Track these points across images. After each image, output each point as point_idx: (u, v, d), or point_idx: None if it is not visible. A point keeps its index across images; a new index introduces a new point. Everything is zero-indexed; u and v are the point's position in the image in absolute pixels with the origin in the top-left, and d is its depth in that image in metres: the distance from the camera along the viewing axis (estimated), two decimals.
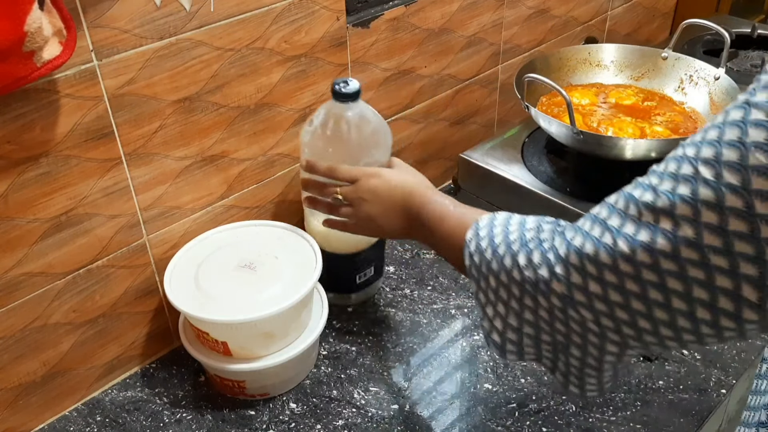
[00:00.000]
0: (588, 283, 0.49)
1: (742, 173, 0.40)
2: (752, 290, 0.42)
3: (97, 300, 0.84)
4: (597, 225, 0.50)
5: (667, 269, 0.45)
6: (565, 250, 0.51)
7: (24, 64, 0.62)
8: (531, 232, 0.57)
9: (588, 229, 0.50)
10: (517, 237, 0.57)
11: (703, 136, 0.44)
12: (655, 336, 0.49)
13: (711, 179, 0.41)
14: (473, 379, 0.89)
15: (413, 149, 1.17)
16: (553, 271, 0.52)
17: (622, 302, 0.48)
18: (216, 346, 0.82)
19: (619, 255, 0.47)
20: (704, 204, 0.42)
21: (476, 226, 0.62)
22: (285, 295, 0.80)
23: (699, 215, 0.42)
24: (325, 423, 0.84)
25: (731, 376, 0.89)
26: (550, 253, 0.53)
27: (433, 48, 1.10)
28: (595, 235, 0.49)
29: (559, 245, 0.52)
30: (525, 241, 0.56)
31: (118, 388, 0.90)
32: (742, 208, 0.40)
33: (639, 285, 0.47)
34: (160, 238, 0.88)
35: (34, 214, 0.75)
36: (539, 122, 1.01)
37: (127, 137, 0.79)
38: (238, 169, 0.92)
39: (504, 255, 0.57)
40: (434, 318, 0.99)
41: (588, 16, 1.38)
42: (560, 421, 0.83)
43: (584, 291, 0.50)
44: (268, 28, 0.87)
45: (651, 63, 1.16)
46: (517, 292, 0.56)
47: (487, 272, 0.59)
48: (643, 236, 0.45)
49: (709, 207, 0.41)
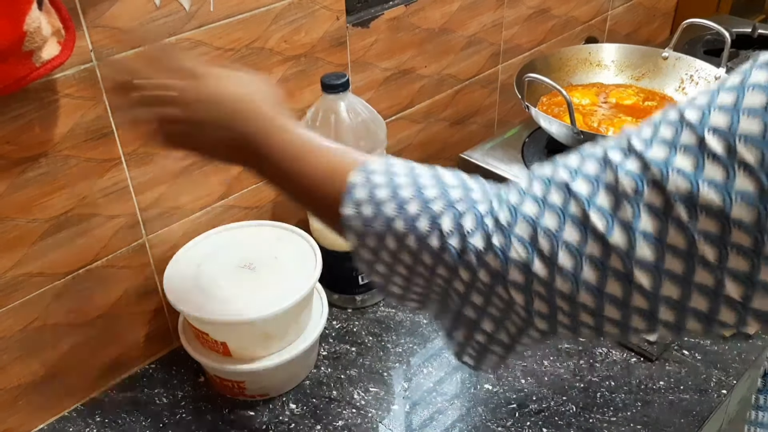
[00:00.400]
0: (533, 263, 0.41)
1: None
2: (737, 286, 0.36)
3: (96, 300, 0.84)
4: (556, 190, 0.41)
5: (643, 258, 0.38)
6: (509, 218, 0.42)
7: (23, 64, 0.62)
8: (456, 191, 0.46)
9: (541, 194, 0.42)
10: (438, 194, 0.46)
11: (709, 99, 0.37)
12: (595, 326, 0.42)
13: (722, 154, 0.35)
14: (473, 380, 0.89)
15: (413, 149, 1.17)
16: (489, 242, 0.43)
17: (570, 292, 0.40)
18: (215, 346, 0.82)
19: (591, 233, 0.39)
20: (709, 184, 0.35)
21: (366, 169, 0.50)
22: (285, 296, 0.80)
23: (698, 194, 0.35)
24: (325, 424, 0.84)
25: (732, 376, 0.89)
26: (487, 219, 0.43)
27: (434, 48, 1.10)
28: (556, 203, 0.41)
29: (499, 210, 0.43)
30: (451, 201, 0.46)
31: (117, 388, 0.90)
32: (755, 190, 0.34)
33: (600, 274, 0.39)
34: (160, 238, 0.87)
35: (34, 215, 0.75)
36: (540, 122, 1.01)
37: (126, 137, 0.79)
38: (237, 168, 0.92)
39: (418, 214, 0.46)
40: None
41: (588, 16, 1.38)
42: (560, 422, 0.83)
43: (524, 271, 0.42)
44: (268, 28, 0.87)
45: (651, 63, 1.16)
46: (429, 260, 0.46)
47: (384, 230, 0.47)
48: (624, 214, 0.38)
49: (716, 189, 0.35)
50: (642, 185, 0.38)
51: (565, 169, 0.42)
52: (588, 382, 0.88)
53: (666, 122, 0.39)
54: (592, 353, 0.92)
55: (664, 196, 0.37)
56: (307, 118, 0.88)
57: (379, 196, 0.48)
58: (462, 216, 0.45)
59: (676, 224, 0.37)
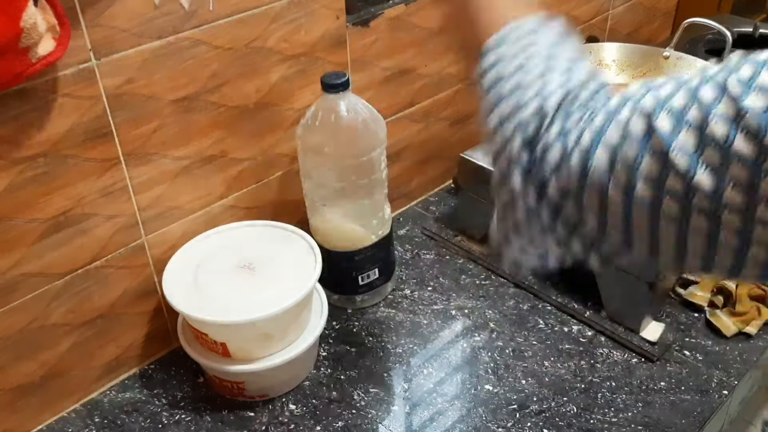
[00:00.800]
0: (608, 189, 0.41)
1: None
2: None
3: (95, 301, 0.84)
4: (637, 118, 0.41)
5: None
6: (592, 138, 0.43)
7: (20, 60, 0.63)
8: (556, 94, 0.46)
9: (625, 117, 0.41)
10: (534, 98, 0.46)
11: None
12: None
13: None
14: (474, 380, 0.89)
15: (413, 149, 1.17)
16: (565, 155, 0.43)
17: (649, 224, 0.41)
18: (215, 347, 0.82)
19: (672, 169, 0.39)
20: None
21: (500, 38, 0.50)
22: (284, 296, 0.80)
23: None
24: (325, 424, 0.83)
25: (733, 377, 0.88)
26: (571, 134, 0.43)
27: (434, 47, 1.10)
28: (635, 131, 0.40)
29: (582, 125, 0.43)
30: (545, 113, 0.45)
31: (116, 389, 0.90)
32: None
33: (679, 208, 0.39)
34: (159, 239, 0.87)
35: (33, 215, 0.74)
36: None
37: (125, 137, 0.78)
38: (237, 168, 0.92)
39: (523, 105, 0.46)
40: (434, 319, 0.98)
41: (589, 16, 1.38)
42: (561, 423, 0.83)
43: (598, 191, 0.42)
44: (268, 27, 0.86)
45: (652, 62, 1.16)
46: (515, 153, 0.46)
47: (494, 105, 0.48)
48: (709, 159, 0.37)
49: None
50: (733, 135, 0.37)
51: (653, 95, 0.41)
52: (589, 383, 0.88)
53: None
54: (592, 354, 0.92)
55: (758, 148, 0.36)
56: (307, 118, 0.88)
57: (501, 72, 0.48)
58: (548, 126, 0.45)
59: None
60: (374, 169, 0.90)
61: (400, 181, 1.17)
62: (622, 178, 0.41)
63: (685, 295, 0.98)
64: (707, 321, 0.96)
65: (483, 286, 1.04)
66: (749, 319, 0.94)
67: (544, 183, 0.45)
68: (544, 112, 0.45)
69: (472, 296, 1.02)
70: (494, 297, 1.02)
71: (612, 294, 0.94)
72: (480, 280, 1.05)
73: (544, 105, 0.46)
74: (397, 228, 1.15)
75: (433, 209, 1.20)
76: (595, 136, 0.42)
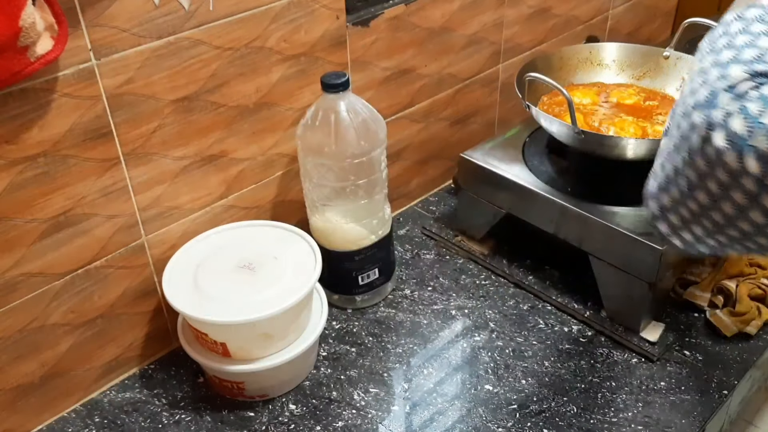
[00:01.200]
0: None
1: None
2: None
3: (95, 301, 0.84)
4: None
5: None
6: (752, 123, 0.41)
7: (19, 59, 0.63)
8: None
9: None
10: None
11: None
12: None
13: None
14: (474, 380, 0.89)
15: (413, 149, 1.17)
16: (734, 135, 0.41)
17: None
18: (215, 347, 0.82)
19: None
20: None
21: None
22: (284, 296, 0.80)
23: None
24: (325, 424, 0.83)
25: (733, 377, 0.88)
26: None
27: (434, 47, 1.10)
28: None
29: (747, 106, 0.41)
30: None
31: (116, 389, 0.90)
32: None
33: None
34: (159, 239, 0.87)
35: (33, 214, 0.74)
36: (540, 122, 1.01)
37: (125, 137, 0.78)
38: (237, 168, 0.92)
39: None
40: (434, 319, 0.98)
41: (589, 15, 1.38)
42: (561, 423, 0.83)
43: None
44: (268, 27, 0.86)
45: (653, 62, 1.16)
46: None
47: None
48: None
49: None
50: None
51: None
52: (589, 383, 0.88)
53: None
54: (592, 354, 0.92)
55: None
56: (307, 118, 0.88)
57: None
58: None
59: None
60: (374, 169, 0.90)
61: (400, 181, 1.17)
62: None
63: (685, 295, 0.98)
64: (707, 321, 0.96)
65: (483, 286, 1.04)
66: (749, 319, 0.94)
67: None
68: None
69: (472, 296, 1.02)
70: (494, 297, 1.02)
71: (612, 294, 0.94)
72: (480, 280, 1.05)
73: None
74: (397, 228, 1.15)
75: (433, 209, 1.20)
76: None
